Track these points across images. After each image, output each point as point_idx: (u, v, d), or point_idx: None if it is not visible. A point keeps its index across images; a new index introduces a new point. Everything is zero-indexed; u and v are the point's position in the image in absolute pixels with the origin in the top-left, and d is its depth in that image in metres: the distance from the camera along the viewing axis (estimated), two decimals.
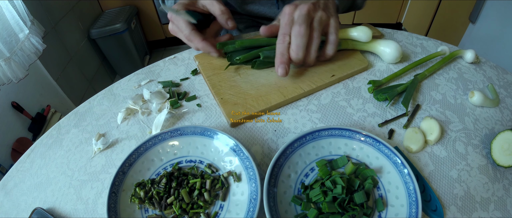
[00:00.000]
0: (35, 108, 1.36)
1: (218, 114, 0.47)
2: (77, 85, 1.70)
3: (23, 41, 1.18)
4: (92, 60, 1.88)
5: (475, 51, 0.52)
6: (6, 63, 1.08)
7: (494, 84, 0.49)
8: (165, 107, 0.47)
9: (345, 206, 0.33)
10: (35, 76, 1.36)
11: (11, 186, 0.42)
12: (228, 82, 0.49)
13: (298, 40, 0.44)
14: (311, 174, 0.37)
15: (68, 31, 1.65)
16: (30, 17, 1.23)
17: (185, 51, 0.60)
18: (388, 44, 0.51)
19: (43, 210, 0.38)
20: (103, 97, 0.53)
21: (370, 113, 0.45)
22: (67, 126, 0.49)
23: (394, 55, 0.50)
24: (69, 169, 0.43)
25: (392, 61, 0.52)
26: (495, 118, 0.44)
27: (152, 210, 0.36)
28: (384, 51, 0.51)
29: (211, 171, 0.38)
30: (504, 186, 0.36)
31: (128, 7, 2.01)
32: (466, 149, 0.40)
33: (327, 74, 0.49)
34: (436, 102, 0.46)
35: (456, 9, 1.78)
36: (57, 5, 1.57)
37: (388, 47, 0.51)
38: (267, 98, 0.46)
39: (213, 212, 0.35)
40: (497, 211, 0.34)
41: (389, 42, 0.51)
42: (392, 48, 0.50)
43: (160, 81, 0.53)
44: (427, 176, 0.37)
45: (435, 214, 0.33)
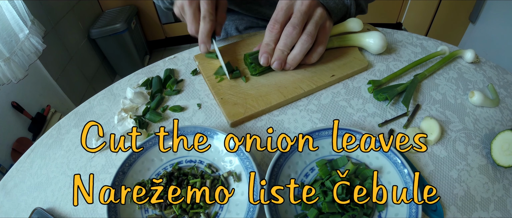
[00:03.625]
0: (35, 108, 1.36)
1: (218, 114, 0.47)
2: (77, 85, 1.70)
3: (23, 41, 1.18)
4: (92, 60, 1.88)
5: (475, 51, 0.52)
6: (6, 63, 1.08)
7: (494, 84, 0.49)
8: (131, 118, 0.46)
9: (345, 206, 0.33)
10: (35, 76, 1.37)
11: (11, 186, 0.42)
12: (228, 82, 0.49)
13: (287, 40, 0.44)
14: (311, 174, 0.37)
15: (68, 31, 1.65)
16: (30, 17, 1.23)
17: (185, 51, 0.60)
18: (372, 35, 0.52)
19: (43, 210, 0.38)
20: (103, 97, 0.53)
21: (370, 113, 0.45)
22: (67, 126, 0.49)
23: (379, 44, 0.52)
24: (69, 169, 0.43)
25: (379, 51, 0.53)
26: (495, 118, 0.44)
27: (152, 210, 0.36)
28: (369, 43, 0.52)
29: (211, 171, 0.38)
30: (504, 186, 0.36)
31: (128, 7, 2.01)
32: (466, 149, 0.40)
33: (327, 74, 0.49)
34: (436, 102, 0.46)
35: (456, 9, 1.78)
36: (57, 5, 1.57)
37: (372, 38, 0.52)
38: (267, 98, 0.46)
39: (213, 212, 0.35)
40: (497, 211, 0.34)
41: (373, 33, 0.52)
42: (376, 38, 0.51)
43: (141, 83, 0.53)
44: (427, 176, 0.37)
45: (435, 214, 0.33)
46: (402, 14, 2.18)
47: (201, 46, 0.49)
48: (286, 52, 0.45)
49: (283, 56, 0.46)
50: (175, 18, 2.23)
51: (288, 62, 0.47)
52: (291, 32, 0.44)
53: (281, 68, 0.47)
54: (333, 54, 0.53)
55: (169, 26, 2.25)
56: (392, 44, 0.57)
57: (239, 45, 0.56)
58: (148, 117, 0.47)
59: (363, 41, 0.53)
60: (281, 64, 0.46)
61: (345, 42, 0.53)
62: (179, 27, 2.27)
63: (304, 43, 0.45)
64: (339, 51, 0.53)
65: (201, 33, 0.48)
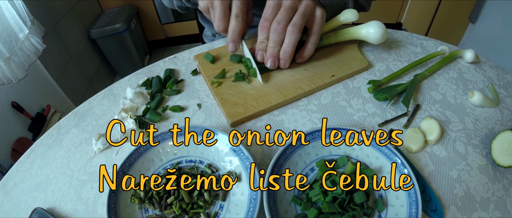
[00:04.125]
0: (35, 108, 1.36)
1: (218, 114, 0.47)
2: (77, 85, 1.70)
3: (23, 41, 1.18)
4: (92, 60, 1.88)
5: (475, 51, 0.52)
6: (6, 63, 1.08)
7: (494, 84, 0.49)
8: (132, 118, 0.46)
9: (345, 206, 0.33)
10: (35, 76, 1.36)
11: (11, 186, 0.42)
12: (228, 82, 0.49)
13: (274, 36, 0.45)
14: (311, 174, 0.37)
15: (68, 31, 1.65)
16: (30, 17, 1.23)
17: (185, 51, 0.60)
18: (371, 25, 0.50)
19: (43, 210, 0.38)
20: (103, 97, 0.53)
21: (370, 113, 0.45)
22: (67, 126, 0.49)
23: (379, 33, 0.50)
24: (69, 169, 0.43)
25: (380, 40, 0.51)
26: (495, 118, 0.44)
27: (152, 210, 0.36)
28: (369, 33, 0.51)
29: (211, 171, 0.38)
30: (504, 186, 0.36)
31: (128, 7, 2.01)
32: (466, 149, 0.40)
33: (327, 74, 0.49)
34: (436, 102, 0.46)
35: (456, 9, 1.78)
36: (57, 5, 1.57)
37: (371, 27, 0.50)
38: (267, 98, 0.46)
39: (213, 212, 0.35)
40: (497, 211, 0.34)
41: (370, 22, 0.51)
42: (375, 26, 0.50)
43: (141, 83, 0.53)
44: (427, 176, 0.37)
45: (435, 214, 0.33)
46: (402, 14, 2.17)
47: (230, 45, 0.47)
48: (276, 48, 0.46)
49: (274, 52, 0.46)
50: (175, 18, 2.23)
51: (281, 57, 0.47)
52: (276, 28, 0.44)
53: (276, 66, 0.47)
54: (333, 53, 0.53)
55: (169, 26, 2.25)
56: (392, 44, 0.57)
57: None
58: (148, 117, 0.47)
59: (362, 33, 0.51)
60: (274, 61, 0.46)
61: (342, 36, 0.52)
62: (179, 27, 2.27)
63: (291, 34, 0.45)
64: (338, 50, 0.53)
65: (233, 31, 0.46)
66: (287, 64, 0.48)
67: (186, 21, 2.23)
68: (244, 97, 0.46)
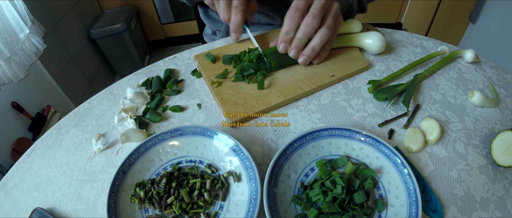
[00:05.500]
0: (35, 108, 1.36)
1: (218, 114, 0.47)
2: (77, 85, 1.70)
3: (24, 41, 1.18)
4: (92, 60, 1.88)
5: (475, 51, 0.52)
6: (7, 63, 1.08)
7: (494, 84, 0.49)
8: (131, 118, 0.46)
9: (345, 206, 0.33)
10: (35, 76, 1.36)
11: (11, 186, 0.42)
12: (228, 82, 0.49)
13: (307, 29, 0.45)
14: (311, 174, 0.37)
15: (68, 31, 1.65)
16: (30, 17, 1.23)
17: (185, 51, 0.60)
18: (371, 35, 0.52)
19: (43, 210, 0.38)
20: (103, 97, 0.53)
21: (370, 113, 0.45)
22: (67, 126, 0.49)
23: (378, 45, 0.52)
24: (69, 169, 0.43)
25: (378, 51, 0.53)
26: (495, 118, 0.44)
27: (152, 210, 0.36)
28: (368, 43, 0.52)
29: (211, 171, 0.38)
30: (504, 186, 0.36)
31: (128, 7, 2.01)
32: (466, 149, 0.40)
33: (327, 74, 0.49)
34: (436, 102, 0.46)
35: (456, 9, 1.78)
36: (57, 5, 1.57)
37: (371, 38, 0.52)
38: (267, 98, 0.46)
39: (213, 212, 0.35)
40: (497, 211, 0.34)
41: (372, 33, 0.52)
42: (375, 38, 0.51)
43: (142, 83, 0.53)
44: (427, 176, 0.37)
45: (435, 214, 0.33)
46: (402, 14, 2.17)
47: (232, 35, 0.52)
48: (304, 41, 0.46)
49: (301, 44, 0.46)
50: (175, 18, 2.23)
51: (305, 53, 0.47)
52: (311, 22, 0.44)
53: (298, 56, 0.48)
54: (333, 54, 0.53)
55: (169, 26, 2.25)
56: (392, 44, 0.57)
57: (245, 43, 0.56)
58: (148, 117, 0.47)
59: (362, 42, 0.53)
60: (298, 52, 0.47)
61: (345, 42, 0.53)
62: (179, 27, 2.27)
63: (323, 35, 0.45)
64: (339, 51, 0.53)
65: (232, 23, 0.50)
66: (308, 62, 0.49)
67: (186, 21, 2.23)
68: (244, 97, 0.46)
